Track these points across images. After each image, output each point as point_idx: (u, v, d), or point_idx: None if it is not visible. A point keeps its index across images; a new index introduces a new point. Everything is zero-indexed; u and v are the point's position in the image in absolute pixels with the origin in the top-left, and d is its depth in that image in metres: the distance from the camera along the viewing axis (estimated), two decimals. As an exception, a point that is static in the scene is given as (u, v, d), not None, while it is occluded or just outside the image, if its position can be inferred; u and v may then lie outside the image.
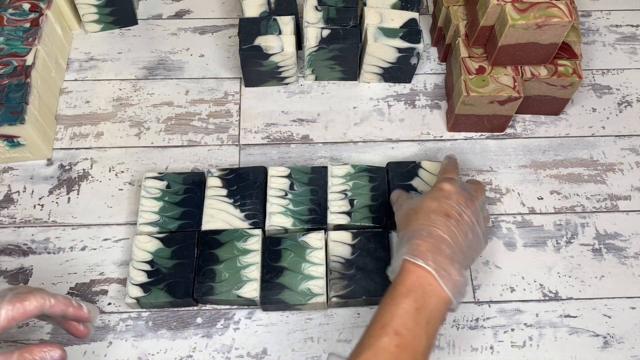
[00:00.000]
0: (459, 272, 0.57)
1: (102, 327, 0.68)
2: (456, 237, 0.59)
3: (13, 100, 0.72)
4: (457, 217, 0.60)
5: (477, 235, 0.62)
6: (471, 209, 0.62)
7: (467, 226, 0.61)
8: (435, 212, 0.61)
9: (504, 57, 0.74)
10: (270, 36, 0.77)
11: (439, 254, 0.57)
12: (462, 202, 0.62)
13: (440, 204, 0.61)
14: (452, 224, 0.60)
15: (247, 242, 0.69)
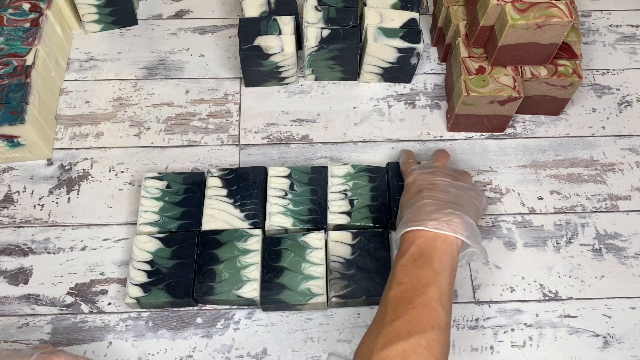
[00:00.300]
0: (449, 215, 0.60)
1: (102, 327, 0.68)
2: (437, 198, 0.62)
3: (13, 100, 0.72)
4: (428, 186, 0.65)
5: (461, 187, 0.65)
6: (439, 175, 0.66)
7: (444, 187, 0.64)
8: (409, 200, 0.65)
9: (504, 57, 0.74)
10: (270, 36, 0.77)
11: (424, 212, 0.61)
12: (427, 177, 0.66)
13: (409, 192, 0.66)
14: (427, 192, 0.63)
15: (247, 242, 0.69)
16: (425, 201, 0.62)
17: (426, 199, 0.63)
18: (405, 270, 0.57)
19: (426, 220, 0.60)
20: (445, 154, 0.73)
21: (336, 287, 0.67)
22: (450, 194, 0.64)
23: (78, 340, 0.67)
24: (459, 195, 0.64)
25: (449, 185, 0.65)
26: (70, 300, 0.69)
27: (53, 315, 0.68)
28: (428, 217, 0.60)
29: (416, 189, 0.66)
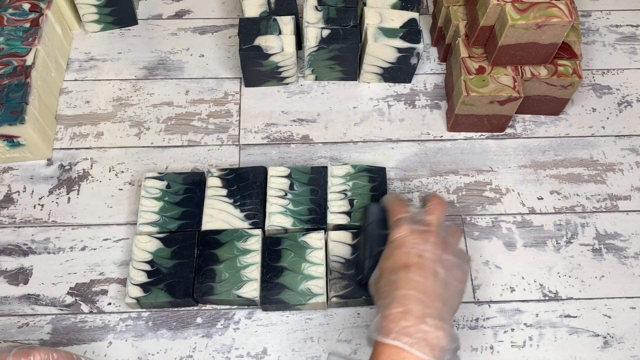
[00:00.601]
0: (435, 327, 0.52)
1: (102, 327, 0.68)
2: (424, 285, 0.54)
3: (13, 100, 0.72)
4: (417, 262, 0.56)
5: (450, 265, 0.57)
6: (431, 241, 0.57)
7: (434, 264, 0.56)
8: (393, 271, 0.56)
9: (504, 57, 0.74)
10: (270, 36, 0.77)
11: (407, 319, 0.52)
12: (418, 241, 0.57)
13: (395, 259, 0.57)
14: (414, 273, 0.55)
15: (247, 242, 0.69)
16: (411, 292, 0.54)
17: (412, 287, 0.54)
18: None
19: (406, 331, 0.52)
20: (441, 206, 0.61)
21: (336, 287, 0.67)
22: (439, 279, 0.55)
23: (78, 340, 0.67)
24: (447, 283, 0.56)
25: (438, 262, 0.56)
26: (70, 300, 0.69)
27: (53, 315, 0.68)
28: (409, 325, 0.52)
29: (404, 260, 0.56)
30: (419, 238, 0.57)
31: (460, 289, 0.58)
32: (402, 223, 0.59)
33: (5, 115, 0.71)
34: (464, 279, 0.59)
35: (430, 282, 0.55)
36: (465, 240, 0.74)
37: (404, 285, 0.54)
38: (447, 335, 0.52)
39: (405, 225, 0.59)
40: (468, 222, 0.75)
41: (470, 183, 0.78)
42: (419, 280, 0.54)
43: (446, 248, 0.58)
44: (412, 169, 0.79)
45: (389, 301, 0.54)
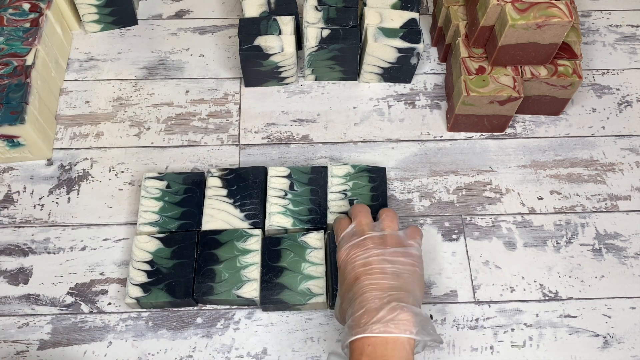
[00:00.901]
0: (395, 310, 0.55)
1: (102, 327, 0.68)
2: (376, 285, 0.57)
3: (13, 100, 0.72)
4: (363, 271, 0.59)
5: (394, 256, 0.60)
6: (370, 246, 0.60)
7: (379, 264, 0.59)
8: (348, 291, 0.59)
9: (504, 57, 0.74)
10: (270, 36, 0.77)
11: (368, 315, 0.55)
12: (358, 252, 0.60)
13: (345, 280, 0.60)
14: (363, 280, 0.58)
15: (247, 242, 0.69)
16: (366, 295, 0.57)
17: (365, 290, 0.57)
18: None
19: (371, 323, 0.54)
20: (362, 209, 0.65)
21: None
22: (388, 273, 0.58)
23: (78, 340, 0.67)
24: (397, 273, 0.58)
25: (384, 259, 0.59)
26: (70, 300, 0.69)
27: (53, 315, 0.68)
28: (372, 318, 0.55)
29: (352, 275, 0.59)
30: (358, 249, 0.61)
31: (414, 272, 0.60)
32: (341, 245, 0.63)
33: (5, 115, 0.71)
34: (415, 262, 0.61)
35: (380, 280, 0.58)
36: (465, 240, 0.74)
37: (358, 293, 0.58)
38: (410, 314, 0.55)
39: (344, 246, 0.62)
40: (468, 222, 0.75)
41: (470, 183, 0.78)
42: (370, 283, 0.58)
43: (385, 243, 0.61)
44: (412, 169, 0.79)
45: (349, 312, 0.57)
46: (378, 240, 0.61)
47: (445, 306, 0.70)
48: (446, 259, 0.73)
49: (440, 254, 0.73)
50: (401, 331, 0.54)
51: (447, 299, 0.70)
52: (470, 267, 0.72)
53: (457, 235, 0.74)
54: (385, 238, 0.62)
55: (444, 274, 0.72)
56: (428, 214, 0.75)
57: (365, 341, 0.54)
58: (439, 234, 0.74)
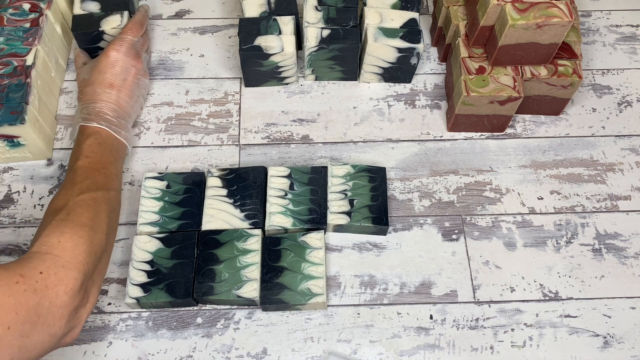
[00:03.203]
0: (126, 127, 0.74)
1: (102, 327, 0.68)
2: (120, 103, 0.74)
3: (13, 100, 0.72)
4: (119, 85, 0.74)
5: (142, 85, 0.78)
6: (137, 67, 0.76)
7: (133, 86, 0.76)
8: (100, 85, 0.73)
9: (504, 57, 0.74)
10: (270, 36, 0.77)
11: (106, 119, 0.72)
12: (128, 64, 0.76)
13: (104, 75, 0.74)
14: (114, 93, 0.73)
15: (247, 242, 0.69)
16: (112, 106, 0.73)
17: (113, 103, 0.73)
18: (91, 149, 0.68)
19: (111, 124, 0.72)
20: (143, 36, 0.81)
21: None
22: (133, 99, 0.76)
23: (78, 340, 0.67)
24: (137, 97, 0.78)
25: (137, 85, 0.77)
26: (70, 300, 0.69)
27: (53, 315, 0.68)
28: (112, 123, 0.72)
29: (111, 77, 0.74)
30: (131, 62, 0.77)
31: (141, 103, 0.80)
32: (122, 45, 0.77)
33: (5, 115, 0.71)
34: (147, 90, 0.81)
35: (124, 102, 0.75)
36: (465, 240, 0.74)
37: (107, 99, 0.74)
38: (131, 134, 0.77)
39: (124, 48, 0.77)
40: (468, 222, 0.75)
41: (470, 183, 0.78)
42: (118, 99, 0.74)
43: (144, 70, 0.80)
44: (412, 169, 0.79)
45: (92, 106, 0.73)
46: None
47: (445, 306, 0.70)
48: (446, 259, 0.73)
49: (440, 254, 0.73)
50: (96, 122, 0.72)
51: (447, 299, 0.70)
52: (470, 267, 0.72)
53: (457, 235, 0.74)
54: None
55: (444, 274, 0.72)
56: (428, 214, 0.75)
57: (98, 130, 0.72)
58: (439, 234, 0.74)
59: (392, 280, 0.71)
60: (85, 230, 0.59)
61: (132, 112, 0.76)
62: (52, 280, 0.54)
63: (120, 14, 0.80)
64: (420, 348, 0.67)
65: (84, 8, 0.81)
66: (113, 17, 0.80)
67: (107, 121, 0.71)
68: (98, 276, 0.61)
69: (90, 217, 0.61)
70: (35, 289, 0.52)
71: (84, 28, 0.80)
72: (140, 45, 0.79)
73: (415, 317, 0.69)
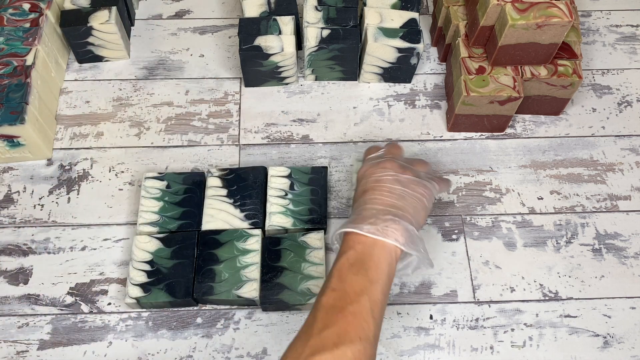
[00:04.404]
0: (386, 221, 0.58)
1: (102, 327, 0.68)
2: (378, 200, 0.61)
3: (13, 100, 0.72)
4: (373, 186, 0.62)
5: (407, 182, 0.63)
6: (387, 167, 0.64)
7: (389, 183, 0.62)
8: (356, 200, 0.64)
9: (504, 57, 0.74)
10: (270, 36, 0.77)
11: (361, 219, 0.59)
12: (375, 170, 0.64)
13: (358, 191, 0.64)
14: (370, 194, 0.62)
15: (246, 242, 0.69)
16: (367, 206, 0.60)
17: (368, 202, 0.61)
18: (339, 276, 0.55)
19: (363, 224, 0.58)
20: (396, 146, 0.70)
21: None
22: (394, 193, 0.61)
23: (78, 340, 0.67)
24: (403, 195, 0.61)
25: (395, 180, 0.62)
26: (70, 300, 0.69)
27: (53, 315, 0.68)
28: (366, 221, 0.58)
29: (362, 188, 0.63)
30: (377, 168, 0.64)
31: (420, 200, 0.62)
32: (365, 162, 0.67)
33: (5, 115, 0.71)
34: (426, 194, 0.63)
35: (385, 197, 0.61)
36: (465, 240, 0.74)
37: (362, 204, 0.61)
38: (402, 227, 0.58)
39: (367, 163, 0.66)
40: (468, 222, 0.75)
41: (470, 183, 0.78)
42: (374, 198, 0.61)
43: (405, 171, 0.64)
44: (412, 169, 0.79)
45: (351, 216, 0.61)
46: (398, 166, 0.64)
47: (445, 306, 0.70)
48: (446, 259, 0.73)
49: (440, 254, 0.73)
50: (389, 237, 0.57)
51: (447, 299, 0.70)
52: (470, 267, 0.72)
53: (457, 235, 0.74)
54: (405, 167, 0.64)
55: (444, 274, 0.72)
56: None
57: (356, 238, 0.57)
58: (439, 234, 0.74)
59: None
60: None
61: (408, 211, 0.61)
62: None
63: (109, 9, 0.80)
64: (420, 348, 0.67)
65: (74, 3, 0.81)
66: (101, 12, 0.80)
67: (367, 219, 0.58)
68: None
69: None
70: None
71: (72, 23, 0.79)
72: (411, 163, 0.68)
73: (415, 317, 0.69)
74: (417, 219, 0.61)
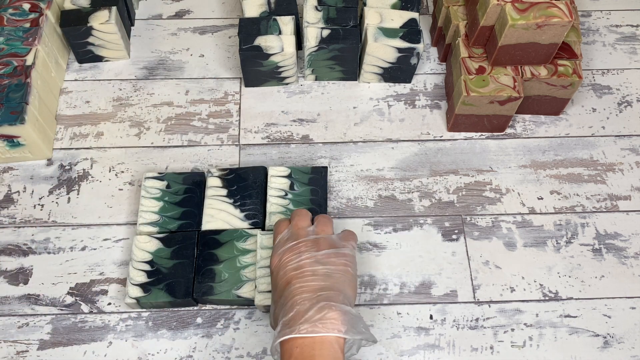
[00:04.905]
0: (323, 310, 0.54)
1: (102, 327, 0.68)
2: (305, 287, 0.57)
3: (13, 100, 0.72)
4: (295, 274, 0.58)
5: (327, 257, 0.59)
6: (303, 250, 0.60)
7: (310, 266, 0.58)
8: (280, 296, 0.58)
9: (504, 57, 0.74)
10: (270, 36, 0.77)
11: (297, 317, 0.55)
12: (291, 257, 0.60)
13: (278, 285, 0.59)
14: (294, 284, 0.57)
15: (246, 242, 0.69)
16: (296, 297, 0.56)
17: (296, 293, 0.56)
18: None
19: (299, 323, 0.54)
20: (301, 213, 0.65)
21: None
22: (319, 275, 0.58)
23: (78, 340, 0.67)
24: (329, 273, 0.58)
25: (315, 261, 0.59)
26: (70, 300, 0.69)
27: (53, 315, 0.68)
28: (300, 318, 0.54)
29: (284, 280, 0.59)
30: (291, 254, 0.60)
31: (345, 271, 0.59)
32: (275, 250, 0.62)
33: (5, 115, 0.71)
34: (347, 262, 0.60)
35: (311, 282, 0.57)
36: (465, 240, 0.74)
37: (289, 297, 0.57)
38: (339, 312, 0.54)
39: (278, 251, 0.62)
40: (468, 222, 0.75)
41: (470, 183, 0.78)
42: (300, 286, 0.57)
43: (319, 245, 0.60)
44: (412, 169, 0.79)
45: (281, 317, 0.56)
46: (311, 243, 0.61)
47: (445, 306, 0.70)
48: (446, 259, 0.73)
49: (440, 254, 0.73)
50: (329, 330, 0.53)
51: (447, 299, 0.70)
52: (470, 267, 0.72)
53: (457, 235, 0.74)
54: (318, 241, 0.61)
55: (444, 274, 0.72)
56: (428, 214, 0.75)
57: (294, 343, 0.53)
58: (439, 234, 0.74)
59: (392, 280, 0.71)
60: None
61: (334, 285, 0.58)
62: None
63: (108, 9, 0.80)
64: (420, 348, 0.68)
65: (74, 3, 0.81)
66: (101, 12, 0.80)
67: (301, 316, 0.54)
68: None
69: None
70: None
71: (72, 23, 0.79)
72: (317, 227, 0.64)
73: (415, 317, 0.69)
74: (348, 293, 0.58)
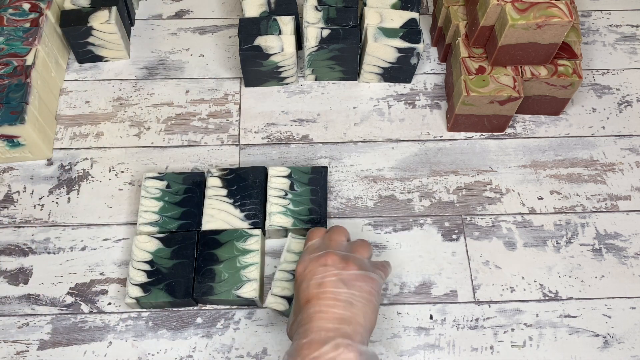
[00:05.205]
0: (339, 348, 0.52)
1: (102, 327, 0.68)
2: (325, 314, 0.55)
3: (13, 100, 0.72)
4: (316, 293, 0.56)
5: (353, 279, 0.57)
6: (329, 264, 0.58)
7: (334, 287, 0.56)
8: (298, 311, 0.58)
9: (504, 57, 0.74)
10: (270, 36, 0.77)
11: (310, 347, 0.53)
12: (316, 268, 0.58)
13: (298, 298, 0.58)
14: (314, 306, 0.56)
15: (246, 242, 0.69)
16: (313, 324, 0.54)
17: (314, 318, 0.55)
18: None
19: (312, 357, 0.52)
20: (339, 229, 0.64)
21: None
22: (340, 301, 0.55)
23: (78, 340, 0.67)
24: (350, 301, 0.56)
25: (339, 279, 0.57)
26: (70, 300, 0.69)
27: (53, 315, 0.68)
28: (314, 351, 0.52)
29: (305, 296, 0.57)
30: (317, 265, 0.58)
31: (369, 301, 0.57)
32: (302, 256, 0.61)
33: (5, 115, 0.71)
34: (374, 291, 0.58)
35: (331, 308, 0.55)
36: (465, 240, 0.74)
37: (307, 320, 0.55)
38: (355, 354, 0.52)
39: (305, 257, 0.60)
40: (468, 222, 0.75)
41: (470, 183, 0.78)
42: (319, 310, 0.55)
43: (347, 264, 0.58)
44: (412, 169, 0.79)
45: (296, 336, 0.55)
46: (339, 259, 0.58)
47: (445, 306, 0.70)
48: (446, 259, 0.73)
49: (440, 254, 0.73)
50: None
51: (447, 299, 0.70)
52: (470, 267, 0.72)
53: (457, 235, 0.74)
54: (348, 259, 0.59)
55: (444, 274, 0.72)
56: (428, 214, 0.75)
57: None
58: (439, 234, 0.74)
59: (392, 280, 0.71)
60: None
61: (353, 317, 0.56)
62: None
63: (109, 9, 0.80)
64: (420, 348, 0.68)
65: (74, 3, 0.81)
66: (101, 12, 0.80)
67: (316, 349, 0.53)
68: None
69: None
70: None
71: (72, 23, 0.79)
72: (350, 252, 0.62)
73: (415, 317, 0.69)
74: (368, 326, 0.56)
